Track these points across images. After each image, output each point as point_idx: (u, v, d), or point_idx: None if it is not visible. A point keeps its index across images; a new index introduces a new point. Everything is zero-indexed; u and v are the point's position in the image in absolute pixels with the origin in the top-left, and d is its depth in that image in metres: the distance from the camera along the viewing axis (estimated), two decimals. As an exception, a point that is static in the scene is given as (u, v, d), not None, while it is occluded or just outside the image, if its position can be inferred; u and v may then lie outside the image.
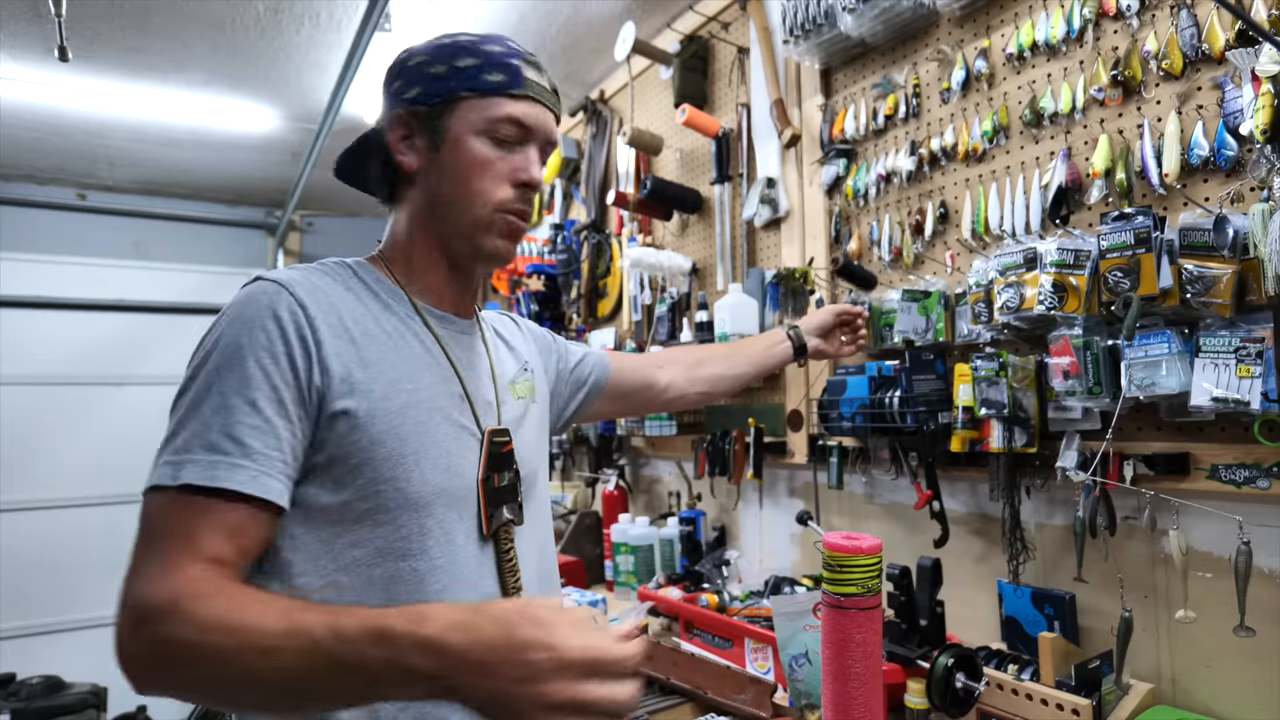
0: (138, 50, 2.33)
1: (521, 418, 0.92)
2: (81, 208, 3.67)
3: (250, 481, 0.66)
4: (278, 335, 0.70)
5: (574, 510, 2.50)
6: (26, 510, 3.47)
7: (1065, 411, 1.25)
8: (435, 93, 0.80)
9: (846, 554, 0.92)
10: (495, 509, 0.81)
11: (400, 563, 0.74)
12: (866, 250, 1.67)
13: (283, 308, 0.72)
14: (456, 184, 0.81)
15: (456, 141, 0.81)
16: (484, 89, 0.80)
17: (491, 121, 0.81)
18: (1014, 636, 1.32)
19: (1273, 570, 1.05)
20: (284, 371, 0.70)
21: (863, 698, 0.91)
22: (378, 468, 0.73)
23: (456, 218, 0.83)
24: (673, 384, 1.27)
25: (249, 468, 0.66)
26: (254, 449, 0.67)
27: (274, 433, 0.68)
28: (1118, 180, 1.19)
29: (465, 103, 0.81)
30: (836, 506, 1.76)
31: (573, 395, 1.15)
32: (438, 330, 0.85)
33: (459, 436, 0.80)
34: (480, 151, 0.81)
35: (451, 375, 0.83)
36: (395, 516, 0.74)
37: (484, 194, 0.81)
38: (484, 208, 0.82)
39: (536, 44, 2.40)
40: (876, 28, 1.58)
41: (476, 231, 0.83)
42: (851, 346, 1.44)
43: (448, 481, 0.77)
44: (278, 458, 0.68)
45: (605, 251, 2.60)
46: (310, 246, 4.27)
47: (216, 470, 0.65)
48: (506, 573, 0.81)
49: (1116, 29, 1.22)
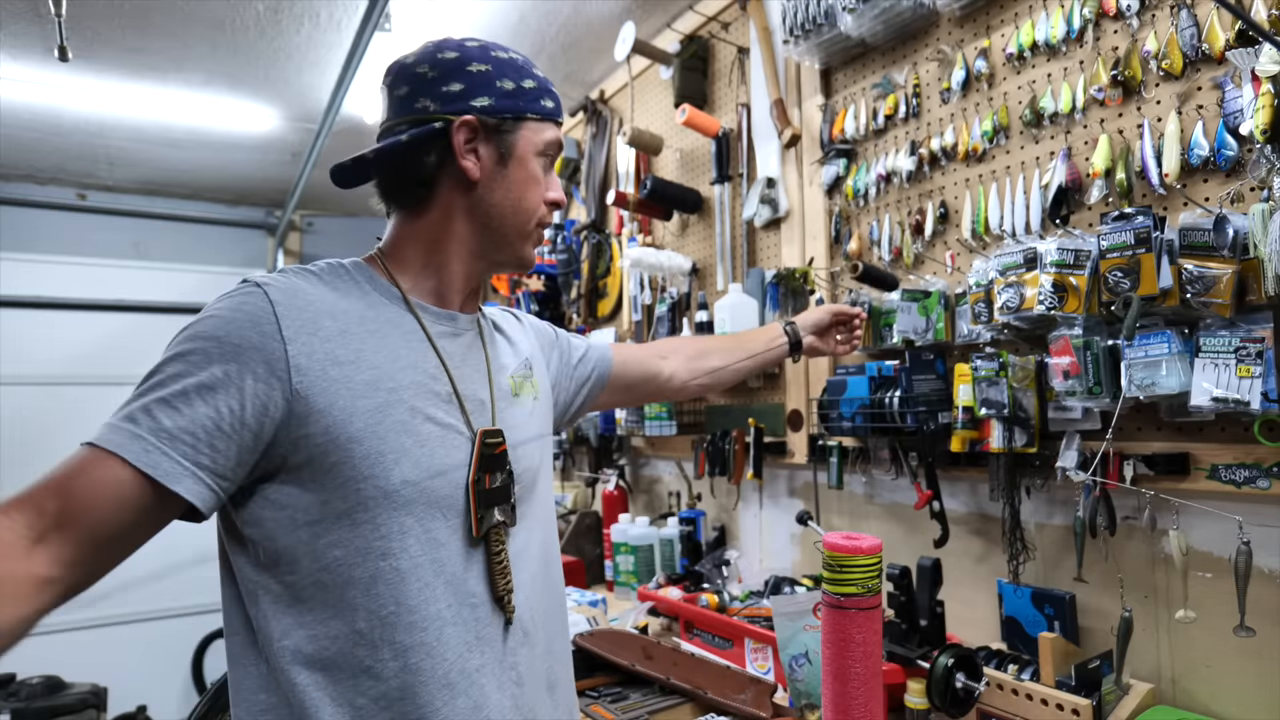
0: (138, 50, 2.33)
1: (521, 416, 0.92)
2: (81, 208, 3.67)
3: (142, 455, 0.65)
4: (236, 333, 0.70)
5: (574, 510, 2.51)
6: (26, 510, 3.47)
7: (1065, 411, 1.25)
8: (507, 108, 0.84)
9: (846, 554, 0.92)
10: (486, 510, 0.80)
11: (380, 562, 0.73)
12: (866, 250, 1.67)
13: (252, 307, 0.72)
14: (516, 199, 0.87)
15: (522, 159, 0.86)
16: (543, 113, 0.87)
17: (545, 145, 0.88)
18: (1014, 636, 1.32)
19: (1273, 570, 1.05)
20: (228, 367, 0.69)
21: (863, 698, 0.91)
22: (356, 466, 0.72)
23: (508, 229, 0.88)
24: (676, 374, 1.28)
25: (147, 441, 0.66)
26: (164, 428, 0.66)
27: (195, 422, 0.67)
28: (1118, 180, 1.19)
29: (529, 124, 0.86)
30: (836, 506, 1.76)
31: (577, 390, 1.15)
32: (431, 329, 0.84)
33: (444, 435, 0.79)
34: (535, 171, 0.88)
35: (441, 373, 0.82)
36: (375, 515, 0.73)
37: (533, 210, 0.89)
38: (530, 222, 0.89)
39: (536, 44, 2.41)
40: (876, 28, 1.58)
41: (520, 241, 0.89)
42: (846, 346, 1.44)
43: (430, 480, 0.77)
44: (189, 443, 0.67)
45: (605, 251, 2.60)
46: (310, 246, 4.27)
47: (116, 435, 0.66)
48: (497, 574, 0.81)
49: (1116, 29, 1.22)
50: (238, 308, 0.72)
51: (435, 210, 0.86)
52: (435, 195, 0.85)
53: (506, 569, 0.82)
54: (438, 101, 0.82)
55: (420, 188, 0.85)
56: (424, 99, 0.83)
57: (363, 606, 0.73)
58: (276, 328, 0.72)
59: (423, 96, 0.83)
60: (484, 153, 0.84)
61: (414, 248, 0.87)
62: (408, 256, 0.86)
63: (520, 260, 0.91)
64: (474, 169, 0.84)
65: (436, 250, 0.86)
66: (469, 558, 0.79)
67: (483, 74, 0.83)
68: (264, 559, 0.73)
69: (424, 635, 0.75)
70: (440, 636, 0.76)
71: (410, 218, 0.87)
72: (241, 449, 0.70)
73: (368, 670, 0.73)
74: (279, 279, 0.76)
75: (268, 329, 0.71)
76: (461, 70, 0.83)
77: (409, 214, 0.87)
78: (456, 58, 0.83)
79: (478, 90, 0.82)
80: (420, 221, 0.87)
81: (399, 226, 0.88)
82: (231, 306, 0.72)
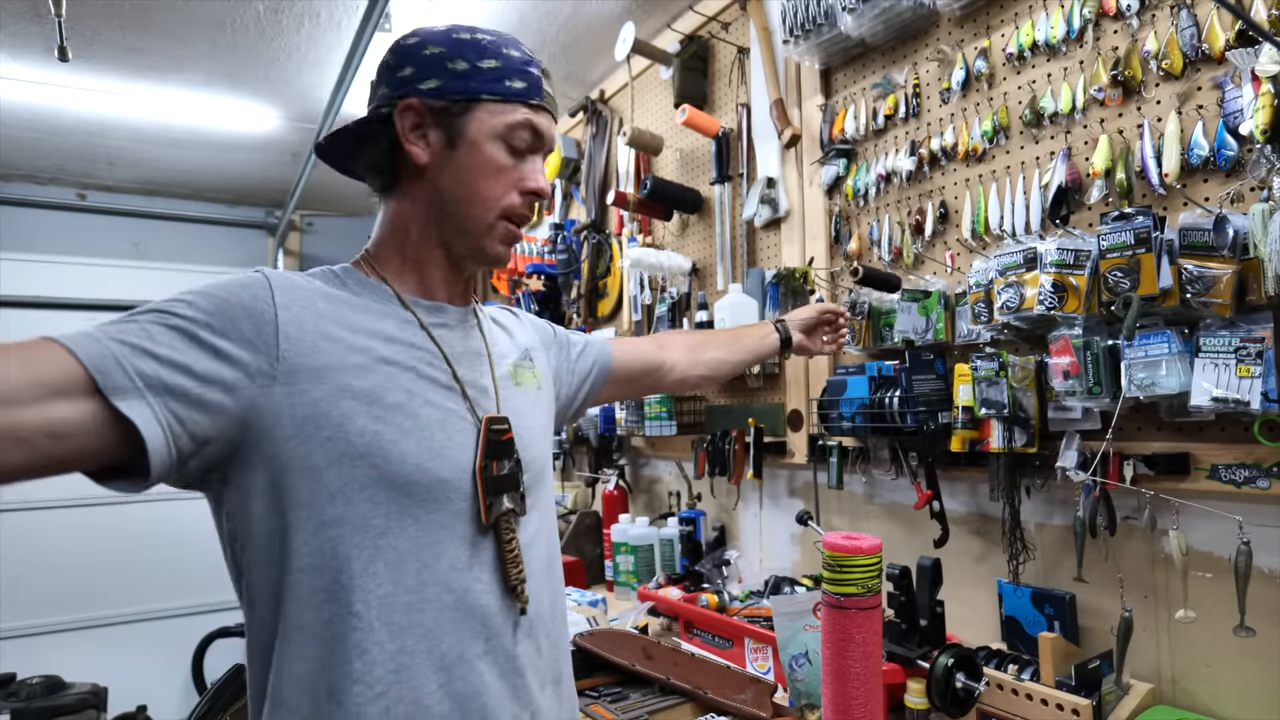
0: (138, 50, 2.33)
1: (525, 404, 0.91)
2: (81, 208, 3.67)
3: (95, 357, 0.61)
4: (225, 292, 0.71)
5: (574, 510, 2.50)
6: (27, 510, 3.47)
7: (1065, 411, 1.25)
8: (456, 90, 0.80)
9: (846, 554, 0.92)
10: (494, 498, 0.80)
11: (380, 540, 0.73)
12: (866, 250, 1.67)
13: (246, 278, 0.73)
14: (468, 185, 0.82)
15: (474, 144, 0.81)
16: (505, 94, 0.81)
17: (510, 128, 0.82)
18: (1014, 636, 1.32)
19: (1273, 570, 1.05)
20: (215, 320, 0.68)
21: (863, 698, 0.91)
22: (351, 442, 0.72)
23: (462, 217, 0.83)
24: (676, 365, 1.28)
25: (102, 344, 0.62)
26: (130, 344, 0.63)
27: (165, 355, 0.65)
28: (1118, 180, 1.19)
29: (486, 105, 0.81)
30: (836, 506, 1.76)
31: (579, 386, 1.14)
32: (426, 319, 0.84)
33: (445, 419, 0.79)
34: (495, 157, 0.82)
35: (439, 360, 0.82)
36: (373, 494, 0.73)
37: (492, 199, 0.83)
38: (490, 213, 0.83)
39: (536, 44, 2.41)
40: (876, 28, 1.58)
41: (479, 234, 0.84)
42: (832, 345, 1.45)
43: (430, 462, 0.76)
44: (150, 369, 0.63)
45: (605, 251, 2.60)
46: (310, 246, 4.27)
47: (74, 336, 0.62)
48: (509, 563, 0.80)
49: (1116, 29, 1.22)
50: (233, 278, 0.73)
51: (402, 199, 0.85)
52: (397, 183, 0.85)
53: (518, 557, 0.81)
54: (391, 87, 0.82)
55: (382, 175, 0.85)
56: (382, 87, 0.83)
57: (359, 586, 0.72)
58: (270, 294, 0.72)
59: (381, 85, 0.83)
60: (433, 137, 0.81)
61: (391, 241, 0.86)
62: (388, 253, 0.86)
63: (483, 254, 0.85)
64: (420, 153, 0.81)
65: (407, 242, 0.85)
66: (477, 545, 0.79)
67: (434, 56, 0.80)
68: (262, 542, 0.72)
69: (421, 617, 0.74)
70: (438, 620, 0.75)
71: (385, 208, 0.87)
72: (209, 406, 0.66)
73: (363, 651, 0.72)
74: (277, 271, 0.77)
75: (260, 293, 0.72)
76: (416, 54, 0.81)
77: (384, 204, 0.87)
78: (416, 43, 0.82)
79: (426, 73, 0.80)
80: (391, 212, 0.87)
81: (379, 220, 0.88)
82: (229, 278, 0.73)
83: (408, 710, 0.73)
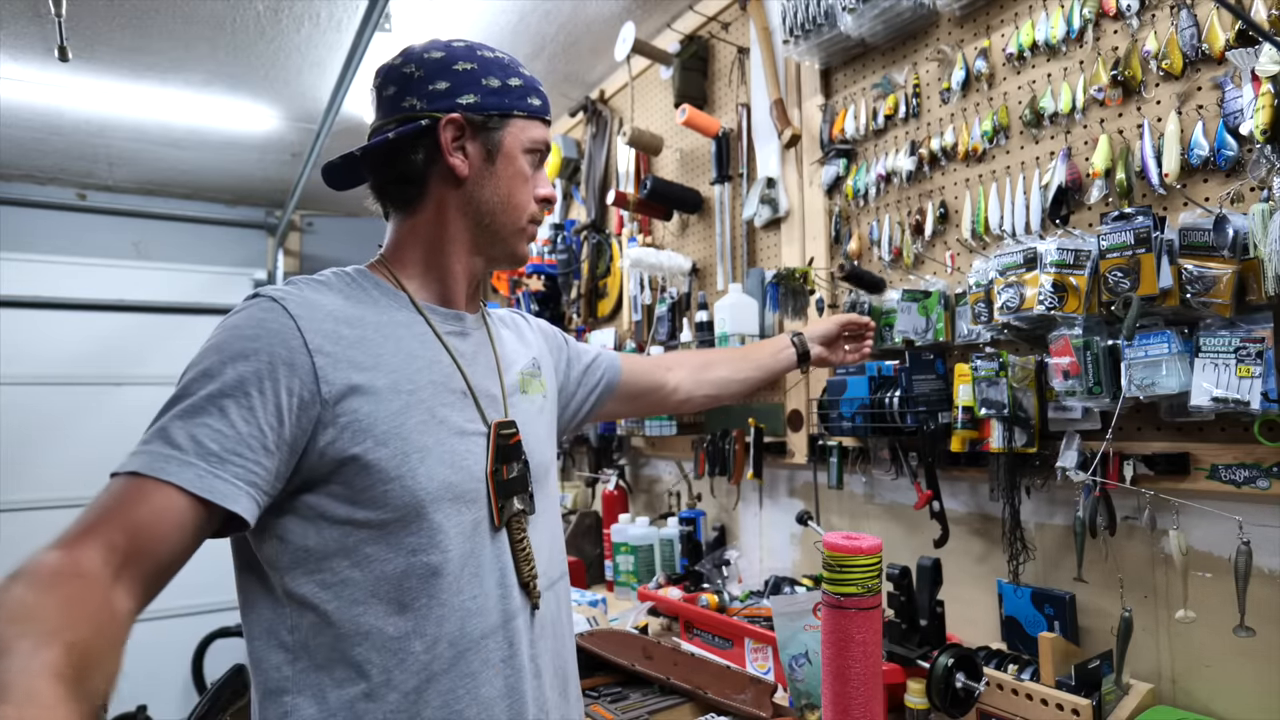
0: (138, 50, 2.33)
1: (533, 411, 0.94)
2: (81, 208, 3.67)
3: (196, 481, 0.66)
4: (264, 348, 0.71)
5: (574, 510, 2.50)
6: (26, 510, 3.47)
7: (1065, 411, 1.25)
8: (494, 106, 0.85)
9: (846, 554, 0.92)
10: (505, 500, 0.83)
11: (412, 558, 0.75)
12: (866, 250, 1.67)
13: (274, 322, 0.73)
14: (505, 196, 0.88)
15: (509, 156, 0.87)
16: (530, 111, 0.88)
17: (533, 142, 0.89)
18: (1014, 636, 1.32)
19: (1273, 570, 1.05)
20: (263, 384, 0.70)
21: (863, 698, 0.91)
22: (384, 468, 0.74)
23: (500, 225, 0.89)
24: (681, 385, 1.28)
25: (198, 467, 0.66)
26: (211, 451, 0.67)
27: (241, 440, 0.68)
28: (1118, 180, 1.19)
29: (517, 121, 0.87)
30: (836, 506, 1.76)
31: (585, 397, 1.15)
32: (440, 327, 0.86)
33: (462, 431, 0.81)
34: (524, 168, 0.89)
35: (454, 371, 0.84)
36: (404, 514, 0.75)
37: (523, 206, 0.90)
38: (522, 218, 0.90)
39: (536, 44, 2.41)
40: (876, 28, 1.58)
41: (513, 238, 0.90)
42: (855, 356, 1.43)
43: (454, 476, 0.79)
44: (237, 463, 0.67)
45: (605, 251, 2.60)
46: (310, 246, 4.27)
47: (167, 465, 0.65)
48: (521, 562, 0.84)
49: (1116, 29, 1.22)
50: (261, 323, 0.72)
51: (429, 209, 0.87)
52: (427, 194, 0.87)
53: (530, 555, 0.85)
54: (424, 100, 0.83)
55: (411, 186, 0.86)
56: (411, 98, 0.84)
57: (394, 600, 0.75)
58: (302, 341, 0.73)
59: (410, 95, 0.84)
60: (471, 150, 0.85)
61: (413, 249, 0.88)
62: (409, 259, 0.88)
63: (514, 256, 0.92)
64: (462, 166, 0.85)
65: (435, 250, 0.87)
66: (494, 547, 0.82)
67: (468, 72, 0.84)
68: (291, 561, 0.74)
69: (450, 626, 0.77)
70: (463, 627, 0.78)
71: (406, 218, 0.88)
72: (279, 462, 0.71)
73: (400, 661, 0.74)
74: (293, 292, 0.77)
75: (294, 343, 0.72)
76: (448, 69, 0.84)
77: (404, 215, 0.88)
78: (442, 57, 0.84)
79: (464, 88, 0.84)
80: (415, 221, 0.88)
81: (396, 228, 0.89)
82: (254, 321, 0.73)
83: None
